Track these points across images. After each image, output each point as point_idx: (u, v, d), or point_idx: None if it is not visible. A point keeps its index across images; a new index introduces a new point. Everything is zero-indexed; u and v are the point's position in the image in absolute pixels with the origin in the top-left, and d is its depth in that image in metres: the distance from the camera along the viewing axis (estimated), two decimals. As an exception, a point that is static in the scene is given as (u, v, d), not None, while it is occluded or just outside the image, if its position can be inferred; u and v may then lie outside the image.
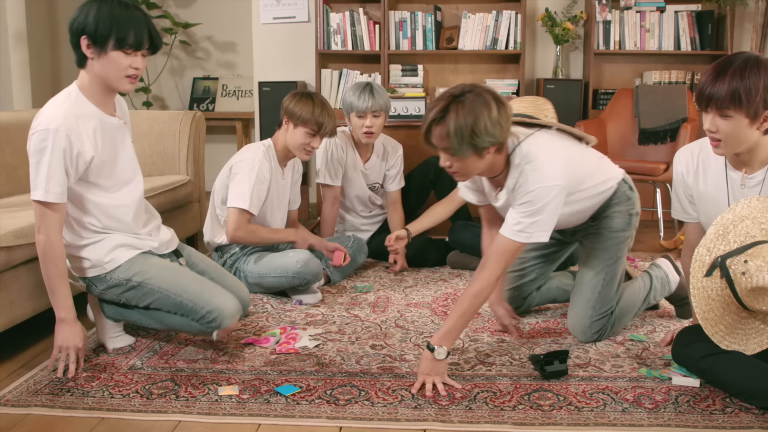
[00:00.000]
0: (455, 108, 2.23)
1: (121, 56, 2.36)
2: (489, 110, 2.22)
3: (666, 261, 3.04)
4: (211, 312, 2.51)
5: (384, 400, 2.24)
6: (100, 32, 2.32)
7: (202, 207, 4.27)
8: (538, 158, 2.37)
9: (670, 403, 2.20)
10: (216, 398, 2.26)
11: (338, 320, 3.00)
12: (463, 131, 2.21)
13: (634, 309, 2.84)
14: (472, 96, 2.24)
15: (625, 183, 2.72)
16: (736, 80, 2.04)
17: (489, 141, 2.24)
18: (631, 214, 2.72)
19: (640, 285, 2.90)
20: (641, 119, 4.86)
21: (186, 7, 6.63)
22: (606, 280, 2.70)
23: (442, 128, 2.23)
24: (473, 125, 2.20)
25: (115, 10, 2.33)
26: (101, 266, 2.53)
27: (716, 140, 2.15)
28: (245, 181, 3.20)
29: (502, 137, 2.29)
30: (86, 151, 2.39)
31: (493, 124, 2.22)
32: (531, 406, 2.19)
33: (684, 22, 5.11)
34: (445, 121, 2.23)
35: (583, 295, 2.73)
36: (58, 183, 2.34)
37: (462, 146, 2.23)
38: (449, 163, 2.32)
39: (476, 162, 2.31)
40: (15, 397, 2.28)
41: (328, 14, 5.23)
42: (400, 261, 3.80)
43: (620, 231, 2.70)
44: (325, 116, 3.25)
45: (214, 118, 6.33)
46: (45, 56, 6.30)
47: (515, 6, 5.20)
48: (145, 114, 4.32)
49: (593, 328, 2.70)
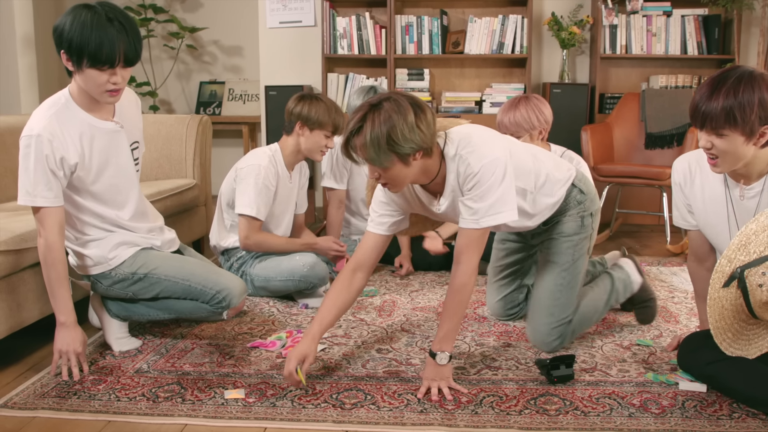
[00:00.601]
0: (371, 117, 2.16)
1: (97, 73, 2.31)
2: (404, 116, 2.15)
3: (629, 261, 3.00)
4: (221, 292, 2.61)
5: (390, 404, 2.24)
6: (74, 49, 2.28)
7: (208, 211, 4.27)
8: (472, 139, 2.28)
9: (676, 408, 2.19)
10: (222, 402, 2.26)
11: (344, 324, 3.00)
12: (379, 140, 2.13)
13: (596, 313, 2.77)
14: (388, 104, 2.17)
15: (574, 187, 2.63)
16: (731, 98, 2.00)
17: (410, 147, 2.16)
18: (582, 216, 2.64)
19: (602, 288, 2.84)
20: (648, 123, 4.86)
21: (193, 11, 6.65)
22: (563, 285, 2.64)
23: (360, 139, 2.17)
24: (389, 133, 2.13)
25: (86, 29, 2.25)
26: (105, 263, 2.57)
27: (713, 157, 2.13)
28: (250, 188, 3.21)
29: (424, 142, 2.19)
30: (70, 157, 2.39)
31: (410, 130, 2.15)
32: (537, 410, 2.19)
33: (691, 26, 5.11)
34: (362, 132, 2.16)
35: (541, 302, 2.66)
36: (47, 187, 2.34)
37: (380, 155, 2.16)
38: (377, 174, 2.25)
39: (403, 170, 2.22)
40: (22, 400, 2.29)
41: (334, 18, 5.24)
42: (405, 265, 3.80)
43: (573, 234, 2.64)
44: (340, 116, 3.29)
45: (221, 122, 6.34)
46: (52, 60, 6.33)
47: (521, 10, 5.21)
48: (151, 118, 4.33)
49: (552, 335, 2.63)
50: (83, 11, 2.28)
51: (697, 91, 2.11)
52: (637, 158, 4.94)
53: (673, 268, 3.93)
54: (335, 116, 3.27)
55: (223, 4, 6.59)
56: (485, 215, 2.27)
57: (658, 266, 3.98)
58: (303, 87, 5.25)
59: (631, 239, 4.76)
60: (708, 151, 2.12)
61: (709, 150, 2.12)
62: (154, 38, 6.54)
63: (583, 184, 2.67)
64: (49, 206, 2.36)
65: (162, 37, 6.61)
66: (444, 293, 3.45)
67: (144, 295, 2.64)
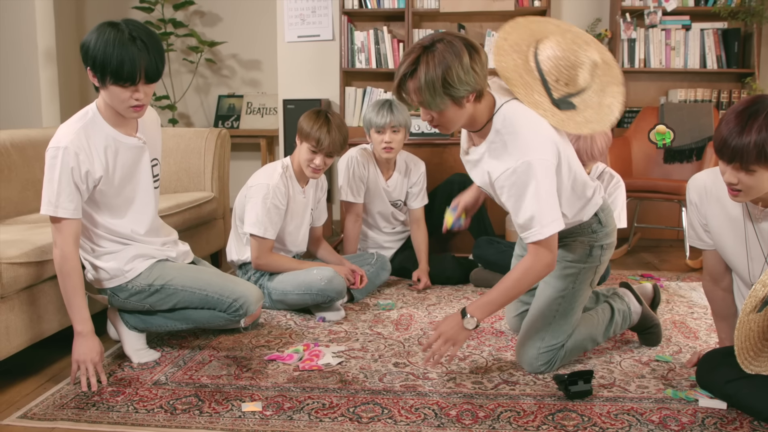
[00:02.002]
0: (425, 59, 2.15)
1: (120, 90, 2.37)
2: (460, 58, 2.14)
3: (627, 291, 2.89)
4: (237, 300, 2.67)
5: (407, 418, 2.23)
6: (98, 66, 2.34)
7: (226, 224, 4.29)
8: (520, 132, 2.26)
9: (696, 426, 2.17)
10: (239, 414, 2.26)
11: (361, 338, 3.00)
12: (434, 83, 2.13)
13: (591, 342, 2.69)
14: (441, 45, 2.16)
15: (595, 215, 2.54)
16: (763, 133, 1.92)
17: (465, 90, 2.17)
18: (592, 245, 2.56)
19: (600, 318, 2.73)
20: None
21: (212, 25, 6.71)
22: (559, 312, 2.56)
23: (414, 82, 2.17)
24: (444, 75, 2.12)
25: (108, 47, 2.30)
26: (122, 275, 2.60)
27: (736, 190, 2.06)
28: (259, 208, 3.23)
29: (478, 84, 2.19)
30: (95, 170, 2.45)
31: (466, 72, 2.14)
32: (555, 426, 2.17)
33: (710, 39, 5.09)
34: (416, 75, 2.16)
35: (534, 325, 2.59)
36: (69, 199, 2.39)
37: (435, 98, 2.16)
38: (429, 117, 2.25)
39: (456, 113, 2.23)
40: (42, 411, 2.30)
41: (352, 33, 5.26)
42: (423, 279, 3.80)
43: (577, 262, 2.57)
44: (324, 132, 3.20)
45: (239, 136, 6.38)
46: (73, 74, 6.39)
47: (539, 24, 5.20)
48: (170, 131, 4.37)
49: (540, 360, 2.55)
50: (108, 29, 2.33)
51: (723, 124, 2.02)
52: (655, 172, 4.92)
53: (693, 283, 3.90)
54: (317, 131, 3.19)
55: (242, 19, 6.64)
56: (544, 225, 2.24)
57: (677, 281, 3.95)
58: (320, 101, 5.28)
59: (649, 254, 4.73)
60: (733, 186, 2.05)
61: (734, 185, 2.04)
62: (174, 52, 6.60)
63: (605, 214, 2.58)
64: (68, 218, 2.40)
65: (181, 51, 6.67)
66: (461, 307, 3.43)
67: (161, 307, 2.66)
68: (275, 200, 3.26)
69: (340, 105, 5.30)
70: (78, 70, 6.38)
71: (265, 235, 3.24)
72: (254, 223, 3.23)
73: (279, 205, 3.28)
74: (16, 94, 5.62)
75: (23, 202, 3.45)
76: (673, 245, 4.89)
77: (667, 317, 3.22)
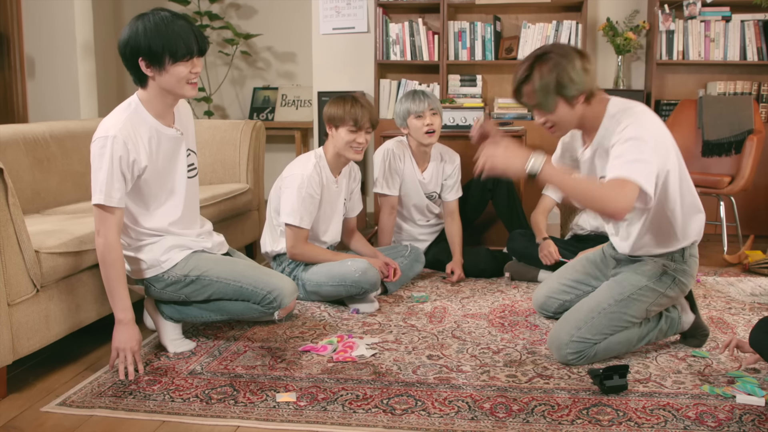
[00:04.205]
0: (539, 66, 2.37)
1: (179, 68, 2.45)
2: (572, 62, 2.35)
3: (683, 300, 2.78)
4: (272, 292, 2.67)
5: (441, 410, 2.23)
6: (154, 52, 2.41)
7: (261, 215, 4.32)
8: (636, 109, 2.43)
9: (734, 422, 2.14)
10: (274, 405, 2.28)
11: (395, 329, 3.00)
12: (548, 85, 2.35)
13: (628, 345, 2.63)
14: (554, 54, 2.37)
15: (686, 249, 2.59)
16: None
17: (576, 89, 2.36)
18: (666, 270, 2.58)
19: (644, 326, 2.67)
20: (705, 131, 4.77)
21: (247, 18, 6.74)
22: (607, 311, 2.56)
23: (529, 86, 2.39)
24: (558, 77, 2.34)
25: (161, 27, 2.41)
26: (158, 266, 2.63)
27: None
28: (294, 198, 3.25)
29: (589, 84, 2.39)
30: (141, 159, 2.49)
31: (577, 73, 2.35)
32: (589, 420, 2.16)
33: (750, 31, 4.99)
34: (531, 80, 2.38)
35: (577, 315, 2.59)
36: (117, 188, 2.43)
37: (549, 99, 2.38)
38: (544, 119, 2.46)
39: (568, 113, 2.42)
40: (80, 399, 2.34)
41: (387, 25, 5.25)
42: (457, 271, 3.79)
43: (646, 278, 2.58)
44: (357, 109, 3.29)
45: (274, 128, 6.41)
46: (111, 67, 6.47)
47: (576, 16, 5.16)
48: (206, 123, 4.40)
49: (569, 348, 2.54)
50: (149, 17, 2.44)
51: None
52: (693, 166, 4.84)
53: (730, 278, 3.84)
54: (351, 110, 3.27)
55: (277, 11, 6.66)
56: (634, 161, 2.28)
57: (714, 276, 3.89)
58: (355, 93, 5.28)
59: (686, 248, 4.66)
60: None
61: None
62: (210, 45, 6.63)
63: (691, 254, 2.62)
64: (115, 206, 2.43)
65: (217, 43, 6.71)
66: (494, 300, 3.43)
67: (196, 297, 2.68)
68: (310, 189, 3.27)
69: (374, 97, 5.30)
70: (115, 64, 6.44)
71: (301, 224, 3.25)
72: (290, 212, 3.25)
73: (314, 194, 3.29)
74: (56, 87, 5.71)
75: (62, 192, 3.51)
76: (710, 240, 4.81)
77: (704, 312, 3.18)
